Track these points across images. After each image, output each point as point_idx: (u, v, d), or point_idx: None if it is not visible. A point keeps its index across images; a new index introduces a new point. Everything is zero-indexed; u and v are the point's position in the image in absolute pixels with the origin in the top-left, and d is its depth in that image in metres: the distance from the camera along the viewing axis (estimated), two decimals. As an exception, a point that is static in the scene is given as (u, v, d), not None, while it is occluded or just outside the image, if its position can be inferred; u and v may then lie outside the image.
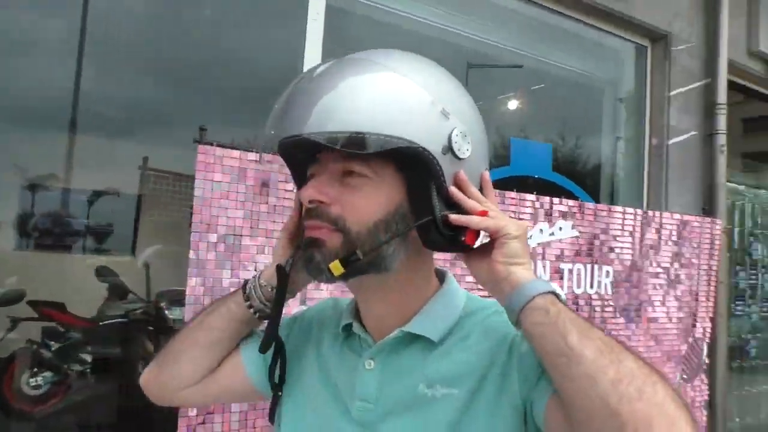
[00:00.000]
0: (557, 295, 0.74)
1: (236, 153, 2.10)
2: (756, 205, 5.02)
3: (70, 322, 4.01)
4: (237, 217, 2.09)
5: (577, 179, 3.77)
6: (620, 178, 4.15)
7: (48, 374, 3.94)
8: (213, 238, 2.04)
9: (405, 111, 0.76)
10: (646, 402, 0.61)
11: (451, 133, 0.78)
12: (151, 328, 3.25)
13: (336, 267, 0.76)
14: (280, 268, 0.85)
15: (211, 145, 2.06)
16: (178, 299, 3.23)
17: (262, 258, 2.11)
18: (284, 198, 2.16)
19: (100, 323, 3.44)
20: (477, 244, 0.81)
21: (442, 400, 0.79)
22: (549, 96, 4.19)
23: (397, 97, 0.76)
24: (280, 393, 0.91)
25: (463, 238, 0.78)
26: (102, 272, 3.36)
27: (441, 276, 0.91)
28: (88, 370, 3.71)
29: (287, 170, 0.89)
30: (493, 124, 3.95)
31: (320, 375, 0.90)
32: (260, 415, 2.08)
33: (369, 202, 0.78)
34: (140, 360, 3.12)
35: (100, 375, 3.55)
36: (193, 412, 1.98)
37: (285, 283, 0.85)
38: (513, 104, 4.44)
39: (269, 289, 0.92)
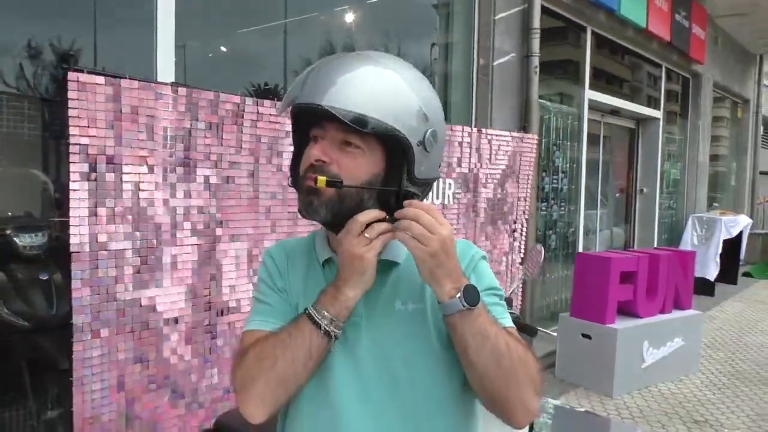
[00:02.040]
0: (467, 306, 0.94)
1: (111, 80, 2.08)
2: (560, 119, 5.80)
3: None
4: (112, 145, 2.09)
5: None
6: (452, 97, 4.56)
7: None
8: (93, 166, 2.04)
9: (400, 108, 0.97)
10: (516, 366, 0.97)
11: (426, 132, 1.00)
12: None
13: (321, 181, 0.96)
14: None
15: (82, 71, 2.02)
16: (26, 225, 3.09)
17: (135, 183, 2.16)
18: (158, 125, 2.19)
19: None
20: None
21: (413, 314, 1.04)
22: (383, 12, 4.37)
23: (397, 95, 0.98)
24: None
25: None
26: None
27: None
28: None
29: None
30: (329, 38, 4.10)
31: (312, 294, 1.05)
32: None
33: (360, 167, 0.99)
34: (-9, 291, 2.98)
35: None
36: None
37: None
38: (349, 17, 4.55)
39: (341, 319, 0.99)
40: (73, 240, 2.03)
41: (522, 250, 4.22)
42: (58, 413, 2.95)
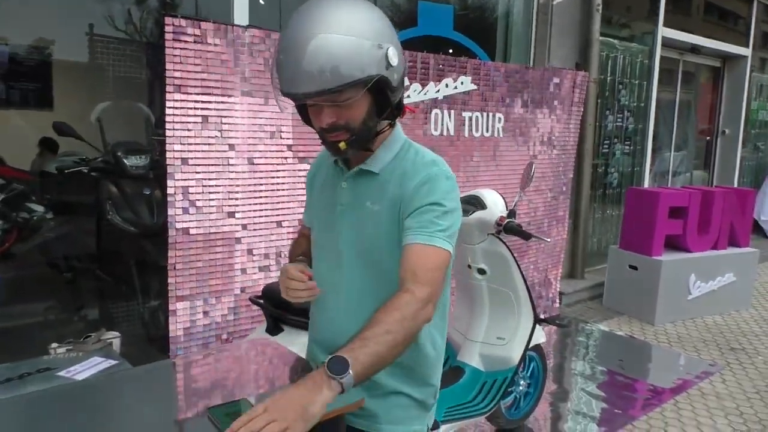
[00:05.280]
0: (347, 378, 1.04)
1: (199, 23, 2.53)
2: (626, 57, 5.82)
3: (15, 175, 4.36)
4: (200, 79, 2.56)
5: (475, 37, 4.33)
6: (512, 35, 4.74)
7: (-1, 222, 4.34)
8: (185, 96, 2.53)
9: (358, 57, 1.16)
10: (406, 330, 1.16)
11: (386, 54, 1.20)
12: (107, 175, 3.71)
13: (343, 144, 1.25)
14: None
15: (176, 17, 2.48)
16: (132, 149, 3.69)
17: (219, 111, 2.63)
18: (237, 61, 2.64)
19: (65, 171, 3.85)
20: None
21: (375, 212, 1.32)
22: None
23: (351, 50, 1.15)
24: None
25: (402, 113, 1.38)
26: (60, 128, 3.69)
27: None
28: (50, 215, 4.18)
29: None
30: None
31: (324, 187, 1.45)
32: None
33: (356, 111, 1.23)
34: (107, 201, 3.61)
35: (66, 217, 4.05)
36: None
37: None
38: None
39: None
40: (168, 156, 2.55)
41: (569, 185, 4.47)
42: (158, 303, 3.60)
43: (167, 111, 2.51)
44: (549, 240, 2.69)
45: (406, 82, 3.33)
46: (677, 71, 7.21)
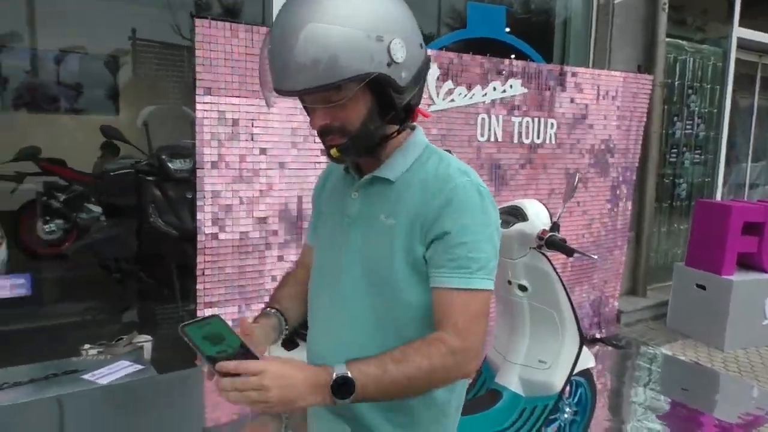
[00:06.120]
0: (349, 400, 1.00)
1: (231, 25, 2.46)
2: (697, 60, 5.44)
3: (72, 176, 4.47)
4: (230, 81, 2.49)
5: (530, 39, 4.12)
6: (570, 37, 4.50)
7: (59, 221, 4.49)
8: (215, 99, 2.46)
9: (352, 52, 0.99)
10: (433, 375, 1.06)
11: (389, 48, 1.03)
12: (152, 178, 3.72)
13: (335, 152, 1.10)
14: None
15: (206, 18, 2.42)
16: (177, 152, 3.69)
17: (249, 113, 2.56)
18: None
19: (111, 174, 3.91)
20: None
21: (389, 227, 1.13)
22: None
23: (343, 43, 0.98)
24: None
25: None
26: (106, 131, 3.74)
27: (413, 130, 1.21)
28: (102, 216, 4.26)
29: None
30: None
31: (332, 198, 1.29)
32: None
33: (353, 112, 1.07)
34: (150, 204, 3.62)
35: (114, 219, 4.11)
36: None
37: None
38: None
39: None
40: (198, 159, 2.49)
41: (629, 196, 4.18)
42: (195, 307, 3.57)
43: (197, 114, 2.45)
44: (596, 257, 2.45)
45: (451, 85, 3.25)
46: (755, 75, 6.72)
